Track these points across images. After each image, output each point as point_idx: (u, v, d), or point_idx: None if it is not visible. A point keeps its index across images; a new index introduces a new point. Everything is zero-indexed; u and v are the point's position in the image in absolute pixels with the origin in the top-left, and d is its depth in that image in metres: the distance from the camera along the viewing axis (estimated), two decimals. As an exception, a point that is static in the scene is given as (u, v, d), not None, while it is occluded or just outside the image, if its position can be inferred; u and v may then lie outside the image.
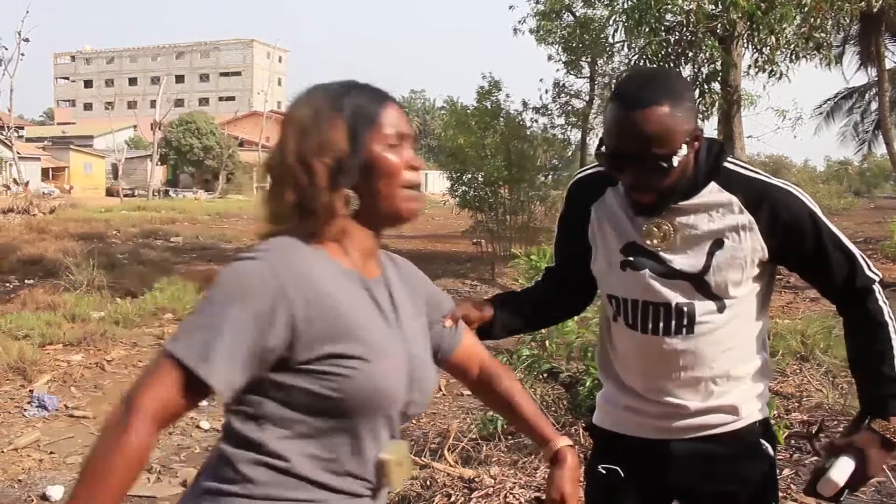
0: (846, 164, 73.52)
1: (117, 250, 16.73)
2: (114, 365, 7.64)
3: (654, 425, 1.88)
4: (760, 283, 1.84)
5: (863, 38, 25.32)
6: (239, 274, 1.31)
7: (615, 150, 1.70)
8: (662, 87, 1.69)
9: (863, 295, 1.81)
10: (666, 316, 1.81)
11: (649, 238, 1.82)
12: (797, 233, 1.77)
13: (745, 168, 1.83)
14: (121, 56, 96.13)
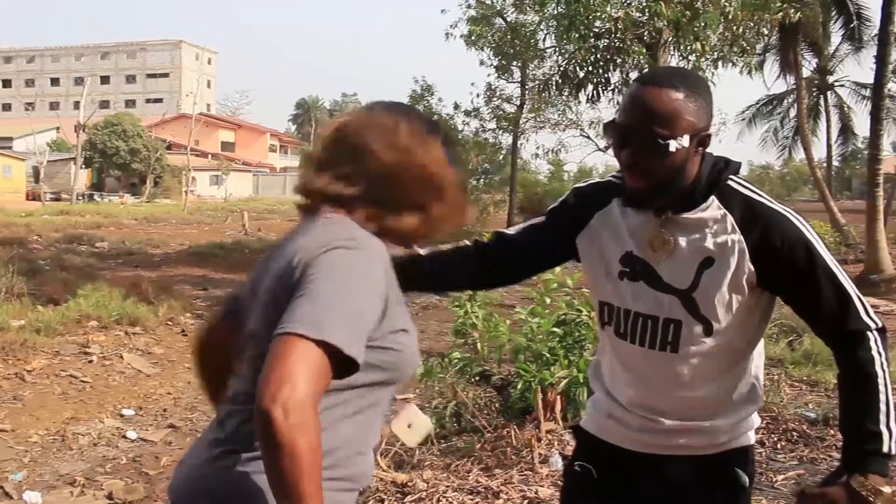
0: (768, 169, 75.92)
1: (39, 256, 16.19)
2: (34, 375, 7.38)
3: (634, 438, 1.89)
4: (752, 309, 1.80)
5: (782, 48, 26.22)
6: (360, 262, 1.40)
7: (622, 122, 1.74)
8: (683, 77, 1.76)
9: (854, 340, 1.73)
10: (653, 329, 1.81)
11: (650, 248, 1.80)
12: (787, 260, 1.72)
13: (749, 188, 1.80)
14: (42, 55, 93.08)
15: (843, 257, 19.49)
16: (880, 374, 1.69)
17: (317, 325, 1.26)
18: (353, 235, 1.43)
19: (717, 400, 1.83)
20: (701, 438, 1.84)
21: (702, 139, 1.73)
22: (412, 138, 1.53)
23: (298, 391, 1.19)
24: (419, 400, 7.24)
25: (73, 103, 72.44)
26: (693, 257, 1.76)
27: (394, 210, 1.53)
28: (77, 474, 5.17)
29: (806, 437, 4.96)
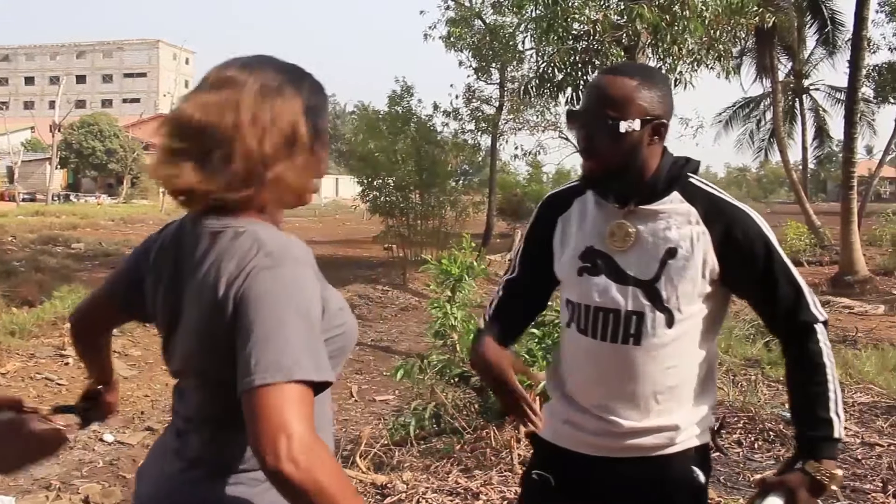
0: (745, 171, 76.67)
1: (13, 257, 16.00)
2: (9, 378, 7.31)
3: (590, 442, 1.89)
4: (711, 304, 1.84)
5: (758, 51, 26.47)
6: (288, 279, 1.31)
7: (579, 108, 1.85)
8: (641, 69, 1.88)
9: (804, 332, 1.80)
10: (615, 322, 1.82)
11: (611, 239, 1.84)
12: (748, 254, 1.78)
13: (708, 185, 1.86)
14: (16, 54, 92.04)
15: (819, 259, 19.73)
16: (828, 364, 1.77)
17: (280, 368, 1.23)
18: (266, 250, 1.34)
19: (675, 395, 1.84)
20: (657, 438, 1.85)
21: (656, 127, 1.78)
22: (260, 101, 1.39)
23: (295, 436, 1.18)
24: (399, 401, 7.24)
25: (49, 103, 71.70)
26: (657, 248, 1.80)
27: (272, 188, 1.41)
28: (53, 478, 5.12)
29: (783, 436, 5.00)
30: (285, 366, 1.22)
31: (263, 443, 1.18)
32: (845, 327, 9.83)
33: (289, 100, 1.41)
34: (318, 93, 1.49)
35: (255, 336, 1.25)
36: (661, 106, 1.79)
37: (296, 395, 1.21)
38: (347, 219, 35.95)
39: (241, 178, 1.36)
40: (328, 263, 18.50)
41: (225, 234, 1.38)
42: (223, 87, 1.39)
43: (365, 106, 19.11)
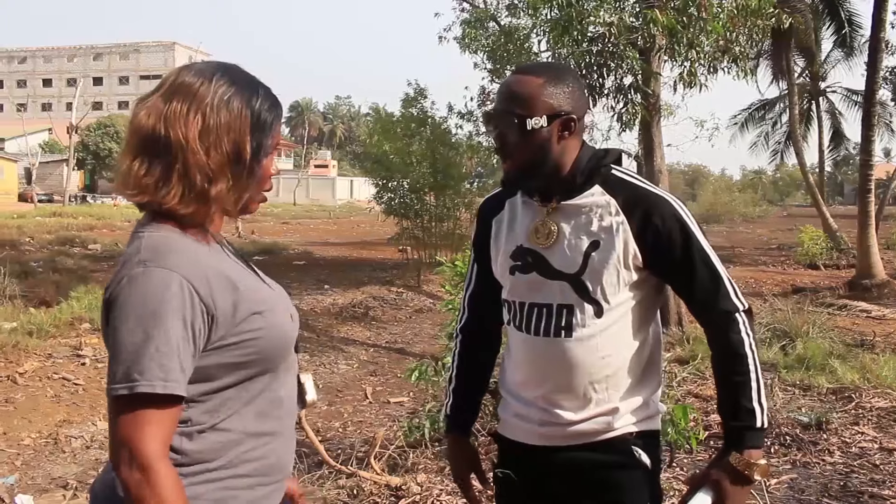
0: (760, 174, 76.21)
1: (31, 258, 16.13)
2: (27, 378, 7.36)
3: (537, 432, 1.92)
4: (641, 291, 1.87)
5: (774, 54, 26.30)
6: (150, 287, 1.34)
7: (491, 109, 1.89)
8: (549, 67, 1.93)
9: (724, 320, 1.83)
10: (548, 317, 1.86)
11: (535, 236, 1.88)
12: (666, 239, 1.81)
13: (630, 176, 1.90)
14: (34, 56, 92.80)
15: (836, 262, 19.59)
16: (749, 354, 1.79)
17: (128, 378, 1.30)
18: (141, 257, 1.38)
19: (613, 383, 1.86)
20: (597, 424, 1.87)
21: (565, 122, 1.80)
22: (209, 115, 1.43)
23: (134, 454, 1.29)
24: (413, 403, 7.25)
25: (66, 104, 72.22)
26: (580, 241, 1.83)
27: (197, 193, 1.43)
28: (70, 477, 5.16)
29: (799, 440, 4.97)
30: (131, 377, 1.30)
31: (112, 450, 1.32)
32: (863, 331, 9.75)
33: (236, 116, 1.45)
34: (269, 108, 1.51)
35: (113, 346, 1.34)
36: (570, 101, 1.81)
37: (142, 407, 1.30)
38: (362, 221, 36.01)
39: (187, 193, 1.41)
40: (344, 265, 18.56)
41: (132, 240, 1.45)
42: (177, 95, 1.44)
43: (380, 108, 19.11)
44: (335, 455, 4.96)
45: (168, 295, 1.33)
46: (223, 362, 1.42)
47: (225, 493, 1.43)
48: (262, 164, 1.50)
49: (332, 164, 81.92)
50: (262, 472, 1.49)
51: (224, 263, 1.47)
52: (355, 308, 12.85)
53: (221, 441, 1.44)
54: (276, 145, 1.55)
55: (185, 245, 1.42)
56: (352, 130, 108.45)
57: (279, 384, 1.53)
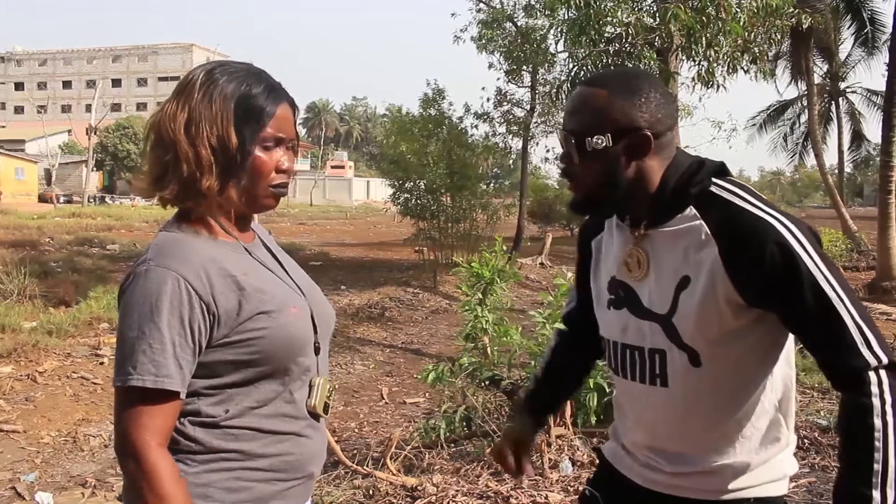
0: (779, 175, 75.73)
1: (50, 258, 16.26)
2: (46, 377, 7.42)
3: (640, 472, 1.74)
4: (752, 333, 1.54)
5: (793, 54, 26.14)
6: (149, 286, 1.38)
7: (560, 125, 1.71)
8: (617, 76, 1.64)
9: (849, 381, 1.44)
10: (641, 361, 1.63)
11: (625, 267, 1.65)
12: (765, 271, 1.45)
13: (734, 192, 1.55)
14: (54, 58, 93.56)
15: (855, 264, 19.44)
16: (878, 425, 1.39)
17: (124, 372, 1.36)
18: (147, 256, 1.43)
19: (722, 440, 1.60)
20: (707, 482, 1.62)
21: (636, 140, 1.53)
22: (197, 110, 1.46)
23: (129, 445, 1.35)
24: (429, 404, 7.25)
25: (85, 106, 72.81)
26: (671, 277, 1.56)
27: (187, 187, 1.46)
28: (88, 475, 5.20)
29: (817, 444, 4.93)
30: (126, 370, 1.35)
31: (115, 438, 1.38)
32: (883, 335, 9.66)
33: (219, 108, 1.46)
34: (260, 98, 1.50)
35: (118, 339, 1.39)
36: (644, 115, 1.53)
37: (136, 401, 1.35)
38: (379, 221, 36.05)
39: (181, 188, 1.46)
40: (360, 265, 18.59)
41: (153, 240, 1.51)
42: (179, 94, 1.49)
43: (397, 108, 19.17)
44: (351, 455, 4.97)
45: (164, 293, 1.37)
46: (226, 359, 1.44)
47: (238, 483, 1.46)
48: (253, 154, 1.48)
49: (348, 164, 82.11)
50: (280, 469, 1.50)
51: (233, 262, 1.48)
52: (371, 308, 12.87)
53: (233, 434, 1.46)
54: (281, 139, 1.52)
55: (192, 245, 1.45)
56: (368, 131, 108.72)
57: (296, 387, 1.54)
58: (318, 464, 1.62)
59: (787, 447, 1.64)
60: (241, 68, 1.53)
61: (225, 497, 1.44)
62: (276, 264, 1.61)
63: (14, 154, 48.93)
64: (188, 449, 1.43)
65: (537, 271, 18.36)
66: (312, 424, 1.58)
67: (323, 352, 1.62)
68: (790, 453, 1.65)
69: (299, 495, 1.57)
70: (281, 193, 1.56)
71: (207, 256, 1.44)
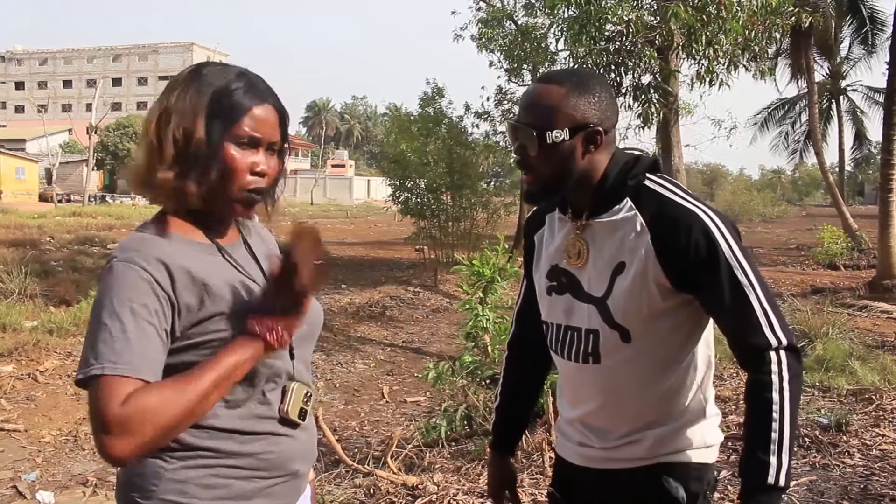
0: (779, 174, 75.71)
1: (51, 257, 16.27)
2: (47, 376, 7.43)
3: (575, 451, 1.86)
4: (679, 314, 1.69)
5: (794, 52, 26.12)
6: (111, 280, 1.38)
7: (513, 120, 1.77)
8: (573, 74, 1.73)
9: (753, 358, 1.59)
10: (578, 341, 1.76)
11: (567, 255, 1.77)
12: (690, 257, 1.60)
13: (666, 187, 1.70)
14: (55, 57, 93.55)
15: (856, 263, 19.42)
16: (776, 398, 1.54)
17: (86, 363, 1.33)
18: (115, 252, 1.43)
19: (646, 412, 1.73)
20: (633, 449, 1.75)
21: (589, 135, 1.66)
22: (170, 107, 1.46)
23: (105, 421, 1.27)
24: (430, 403, 7.25)
25: (86, 105, 72.87)
26: (608, 263, 1.69)
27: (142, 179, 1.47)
28: (89, 474, 5.20)
29: (818, 442, 4.93)
30: (88, 362, 1.32)
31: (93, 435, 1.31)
32: (884, 333, 9.65)
33: (190, 101, 1.45)
34: (237, 93, 1.47)
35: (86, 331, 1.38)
36: (596, 112, 1.66)
37: (99, 391, 1.30)
38: (379, 220, 36.05)
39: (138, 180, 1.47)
40: (360, 264, 18.60)
41: None
42: (165, 91, 1.49)
43: (396, 107, 19.17)
44: (352, 454, 4.98)
45: (124, 284, 1.36)
46: (191, 360, 1.41)
47: (215, 480, 1.45)
48: (222, 150, 1.45)
49: (349, 163, 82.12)
50: (260, 467, 1.50)
51: (198, 262, 1.45)
52: (372, 307, 12.87)
53: (208, 432, 1.45)
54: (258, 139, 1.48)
55: (156, 241, 1.43)
56: (368, 130, 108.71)
57: (268, 388, 1.52)
58: (304, 462, 1.60)
59: (708, 418, 1.78)
60: (229, 67, 1.52)
61: (203, 493, 1.44)
62: (255, 267, 1.58)
63: (15, 153, 48.92)
64: (168, 447, 1.42)
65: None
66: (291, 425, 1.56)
67: (301, 356, 1.59)
68: (712, 425, 1.80)
69: (285, 493, 1.56)
70: (253, 199, 1.50)
71: (170, 252, 1.42)
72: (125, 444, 1.27)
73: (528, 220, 2.00)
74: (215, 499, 1.45)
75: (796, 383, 1.57)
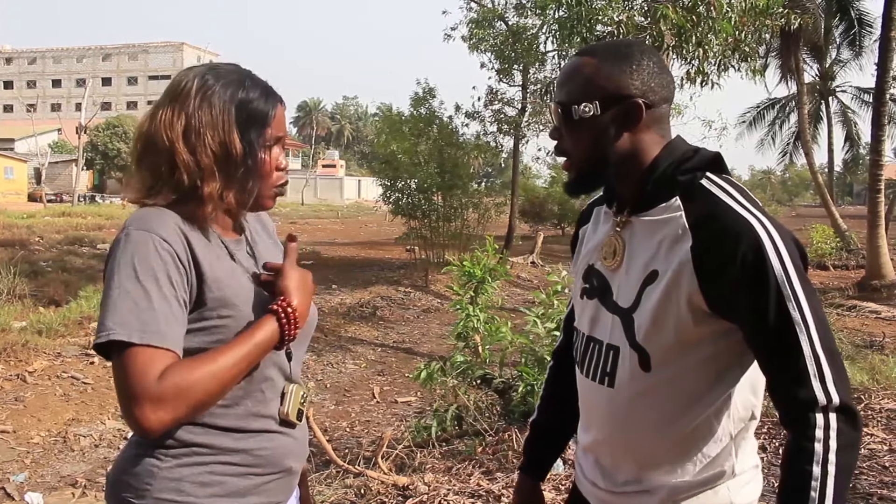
0: (769, 174, 76.03)
1: (40, 257, 16.19)
2: (36, 377, 7.39)
3: (587, 489, 1.64)
4: (711, 345, 1.39)
5: (783, 53, 26.25)
6: (131, 247, 1.37)
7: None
8: (609, 46, 1.49)
9: (798, 417, 1.28)
10: (598, 357, 1.52)
11: (601, 255, 1.54)
12: (733, 272, 1.30)
13: (723, 188, 1.40)
14: (43, 57, 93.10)
15: (845, 263, 19.52)
16: (816, 473, 1.24)
17: (106, 328, 1.32)
18: (128, 222, 1.43)
19: (662, 456, 1.47)
20: (645, 501, 1.49)
21: (627, 109, 1.41)
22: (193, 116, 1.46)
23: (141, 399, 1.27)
24: (421, 403, 7.25)
25: (75, 105, 72.61)
26: (640, 270, 1.44)
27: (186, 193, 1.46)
28: (79, 475, 5.18)
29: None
30: (107, 328, 1.32)
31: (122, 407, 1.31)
32: (872, 332, 9.71)
33: (219, 114, 1.47)
34: (259, 101, 1.51)
35: (102, 300, 1.38)
36: (635, 83, 1.41)
37: (128, 359, 1.30)
38: (370, 220, 36.05)
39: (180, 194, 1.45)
40: (351, 264, 18.58)
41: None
42: (168, 99, 1.49)
43: (388, 107, 19.17)
44: (343, 454, 4.97)
45: (146, 253, 1.37)
46: (192, 347, 1.41)
47: (211, 478, 1.46)
48: (259, 158, 1.50)
49: (339, 164, 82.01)
50: (254, 464, 1.50)
51: (206, 247, 1.47)
52: (363, 308, 12.86)
53: (204, 429, 1.46)
54: (279, 138, 1.54)
55: (170, 214, 1.44)
56: (359, 130, 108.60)
57: (266, 385, 1.53)
58: (297, 459, 1.61)
59: (738, 475, 1.48)
60: (232, 71, 1.53)
61: (198, 491, 1.44)
62: (252, 264, 1.59)
63: (3, 153, 48.67)
64: (160, 444, 1.43)
65: (528, 270, 18.38)
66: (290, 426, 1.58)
67: (296, 358, 1.61)
68: (745, 481, 1.50)
69: (279, 490, 1.56)
70: (281, 193, 1.58)
71: (185, 228, 1.44)
72: (160, 417, 1.28)
73: (580, 214, 1.75)
74: (211, 496, 1.45)
75: (847, 455, 1.26)
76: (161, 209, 1.45)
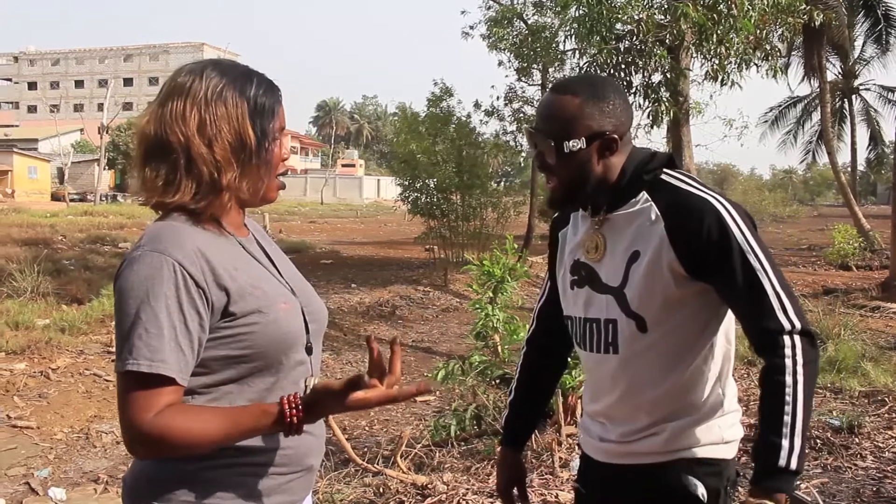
0: (790, 173, 75.36)
1: (63, 256, 16.35)
2: (59, 373, 7.47)
3: (596, 446, 1.89)
4: (694, 302, 1.71)
5: (806, 51, 25.98)
6: (144, 270, 1.38)
7: (532, 128, 1.82)
8: (587, 84, 1.81)
9: (769, 342, 1.61)
10: (598, 332, 1.81)
11: (586, 250, 1.84)
12: (702, 242, 1.64)
13: (681, 180, 1.77)
14: (66, 58, 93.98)
15: (868, 263, 19.31)
16: (789, 382, 1.56)
17: (122, 358, 1.35)
18: (142, 241, 1.43)
19: (664, 403, 1.76)
20: (650, 443, 1.77)
21: (605, 142, 1.74)
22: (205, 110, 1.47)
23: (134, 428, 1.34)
24: (440, 402, 7.25)
25: (97, 105, 73.19)
26: (623, 253, 1.75)
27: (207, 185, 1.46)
28: (101, 472, 5.23)
29: (830, 444, 4.90)
30: (123, 357, 1.34)
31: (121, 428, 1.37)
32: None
33: (232, 106, 1.48)
34: (266, 93, 1.53)
35: (116, 325, 1.38)
36: (611, 120, 1.74)
37: (133, 385, 1.34)
38: (389, 220, 36.10)
39: (198, 187, 1.45)
40: (370, 264, 18.62)
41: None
42: (172, 96, 1.48)
43: (406, 107, 19.18)
44: (361, 453, 4.98)
45: (160, 277, 1.37)
46: (220, 355, 1.43)
47: (238, 479, 1.46)
48: (269, 148, 1.52)
49: (358, 163, 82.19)
50: (279, 463, 1.51)
51: (227, 255, 1.48)
52: (382, 307, 12.88)
53: None
54: (282, 129, 1.57)
55: (187, 232, 1.45)
56: (378, 130, 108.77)
57: (288, 383, 1.53)
58: (317, 456, 1.62)
59: (726, 414, 1.79)
60: (235, 66, 1.55)
61: (225, 493, 1.45)
62: (267, 261, 1.60)
63: (27, 153, 49.19)
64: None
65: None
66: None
67: (315, 352, 1.62)
68: (732, 421, 1.81)
69: (300, 488, 1.57)
70: (284, 184, 1.62)
71: (202, 243, 1.44)
72: (144, 451, 1.38)
73: (554, 218, 2.05)
74: (237, 498, 1.46)
75: (811, 368, 1.59)
76: (178, 226, 1.45)
